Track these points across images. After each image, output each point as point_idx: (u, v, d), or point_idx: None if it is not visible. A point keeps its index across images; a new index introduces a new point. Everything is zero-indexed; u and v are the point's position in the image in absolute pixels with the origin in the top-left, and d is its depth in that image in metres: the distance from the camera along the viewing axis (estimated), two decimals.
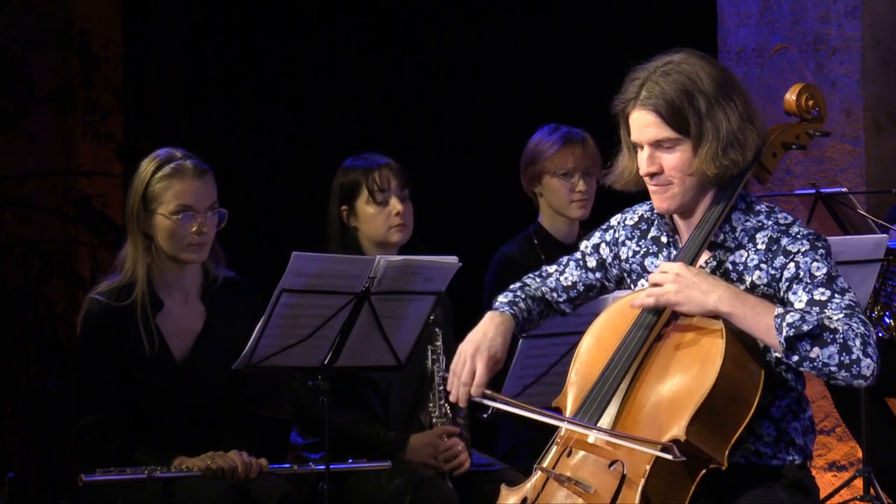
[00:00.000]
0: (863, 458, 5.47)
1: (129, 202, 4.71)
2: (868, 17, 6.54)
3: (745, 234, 3.67)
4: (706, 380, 3.48)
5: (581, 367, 3.72)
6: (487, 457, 5.15)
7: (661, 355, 3.59)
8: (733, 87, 3.65)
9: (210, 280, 4.77)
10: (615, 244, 3.90)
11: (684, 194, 3.66)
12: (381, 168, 5.14)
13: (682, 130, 3.61)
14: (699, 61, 3.65)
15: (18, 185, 7.97)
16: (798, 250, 3.60)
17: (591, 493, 3.51)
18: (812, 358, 3.47)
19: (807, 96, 3.82)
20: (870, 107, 6.55)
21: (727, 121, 3.60)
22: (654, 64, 3.67)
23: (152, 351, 4.64)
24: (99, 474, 4.47)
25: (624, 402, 3.57)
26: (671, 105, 3.60)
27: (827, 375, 3.49)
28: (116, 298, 4.65)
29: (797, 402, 3.70)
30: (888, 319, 5.63)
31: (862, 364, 3.47)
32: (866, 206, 6.13)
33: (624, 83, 3.70)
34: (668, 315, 3.62)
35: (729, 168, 3.61)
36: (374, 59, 7.86)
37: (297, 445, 5.09)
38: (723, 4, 6.82)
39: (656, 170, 3.65)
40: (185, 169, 4.67)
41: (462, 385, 3.74)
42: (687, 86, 3.60)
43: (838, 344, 3.46)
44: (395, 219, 5.12)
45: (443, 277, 4.57)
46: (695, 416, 3.46)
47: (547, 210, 5.60)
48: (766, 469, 3.66)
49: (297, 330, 4.46)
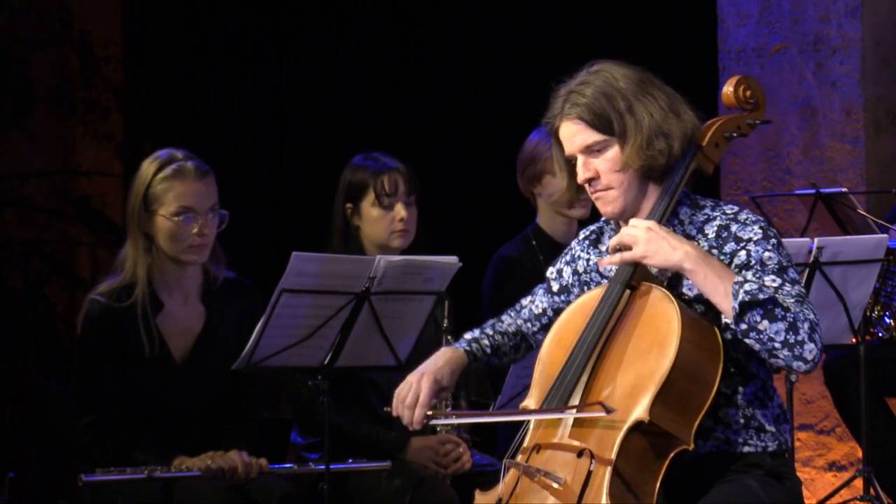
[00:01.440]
0: (863, 458, 5.47)
1: (130, 203, 4.71)
2: (868, 17, 6.54)
3: (694, 227, 3.76)
4: (664, 360, 3.54)
5: (543, 367, 3.81)
6: (488, 457, 5.15)
7: (619, 341, 3.66)
8: (653, 84, 3.78)
9: (210, 280, 4.77)
10: (573, 261, 4.00)
11: (625, 195, 3.76)
12: (390, 172, 5.13)
13: (606, 131, 3.74)
14: (615, 66, 3.81)
15: (18, 185, 7.98)
16: (750, 238, 3.68)
17: (563, 483, 3.57)
18: (760, 330, 3.53)
19: (744, 87, 3.90)
20: (870, 107, 6.55)
21: (649, 115, 3.72)
22: (573, 78, 3.83)
23: (152, 352, 4.64)
24: (99, 474, 4.47)
25: (586, 392, 3.64)
26: (592, 110, 3.74)
27: (769, 352, 3.55)
28: (117, 299, 4.65)
29: (762, 389, 3.75)
30: (888, 319, 5.63)
31: (805, 347, 3.53)
32: (866, 206, 6.13)
33: (549, 103, 3.86)
34: (624, 302, 3.68)
35: (657, 158, 3.72)
36: (373, 59, 7.86)
37: (298, 445, 5.09)
38: (723, 4, 6.82)
39: (592, 174, 3.77)
40: (187, 170, 4.67)
41: (406, 408, 3.82)
42: (605, 89, 3.75)
43: (787, 322, 3.53)
44: (399, 224, 5.12)
45: (443, 277, 4.57)
46: (657, 396, 3.52)
47: (546, 210, 5.60)
48: (738, 457, 3.71)
49: (297, 330, 4.46)
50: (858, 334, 5.35)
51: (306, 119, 7.96)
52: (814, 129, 6.60)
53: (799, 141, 6.58)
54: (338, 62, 7.93)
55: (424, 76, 7.71)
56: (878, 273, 5.23)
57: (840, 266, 5.11)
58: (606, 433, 3.56)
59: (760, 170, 6.68)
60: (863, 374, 5.38)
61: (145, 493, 4.54)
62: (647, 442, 3.54)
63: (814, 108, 6.61)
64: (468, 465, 4.97)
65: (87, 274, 7.99)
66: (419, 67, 7.74)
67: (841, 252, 5.13)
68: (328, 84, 7.92)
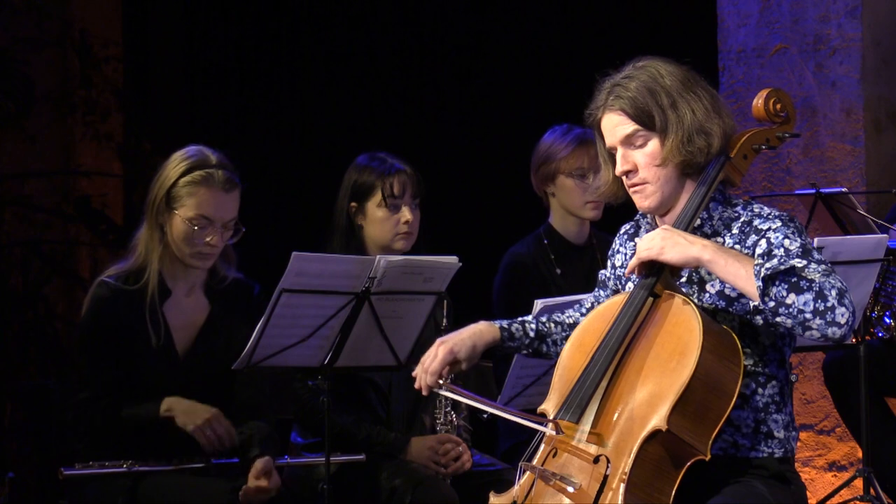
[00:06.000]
0: (863, 458, 5.47)
1: (153, 191, 4.69)
2: (868, 17, 6.54)
3: (722, 223, 3.79)
4: (685, 370, 3.53)
5: (563, 372, 3.80)
6: (488, 457, 5.16)
7: (639, 350, 3.65)
8: (697, 82, 3.81)
9: (217, 278, 4.77)
10: (612, 255, 4.03)
11: (662, 190, 3.78)
12: (399, 174, 5.13)
13: (647, 125, 3.76)
14: (661, 62, 3.83)
15: (18, 185, 7.98)
16: (769, 227, 3.70)
17: (578, 488, 3.55)
18: (787, 304, 3.52)
19: (774, 100, 3.91)
20: (870, 107, 6.55)
21: (691, 112, 3.74)
22: (618, 73, 3.84)
23: (157, 342, 4.64)
24: (78, 468, 4.51)
25: (605, 398, 3.63)
26: (635, 102, 3.76)
27: (802, 325, 3.52)
28: (125, 281, 4.66)
29: (780, 393, 3.75)
30: (888, 319, 5.63)
31: (837, 311, 3.51)
32: (866, 206, 6.13)
33: (593, 96, 3.86)
34: (647, 310, 3.68)
35: (696, 155, 3.74)
36: (375, 58, 7.86)
37: (298, 445, 5.09)
38: (723, 4, 6.82)
39: (630, 167, 3.79)
40: (216, 180, 4.65)
41: (422, 371, 3.88)
42: (649, 84, 3.77)
43: (814, 291, 3.51)
44: (404, 227, 5.12)
45: (443, 277, 4.57)
46: (675, 407, 3.51)
47: (558, 210, 5.59)
48: (745, 461, 3.71)
49: (297, 330, 4.46)
50: (858, 334, 5.35)
51: (306, 119, 7.96)
52: (814, 129, 6.60)
53: (799, 141, 6.58)
54: (338, 61, 7.93)
55: (428, 75, 7.71)
56: (877, 273, 5.23)
57: (840, 266, 5.10)
58: (623, 441, 3.55)
59: (760, 170, 6.68)
60: (863, 374, 5.38)
61: (145, 493, 4.55)
62: (663, 451, 3.53)
63: (814, 108, 6.61)
64: (468, 464, 4.98)
65: (87, 274, 7.99)
66: (422, 66, 7.74)
67: (841, 252, 5.13)
68: (328, 83, 7.92)
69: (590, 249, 5.61)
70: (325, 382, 4.59)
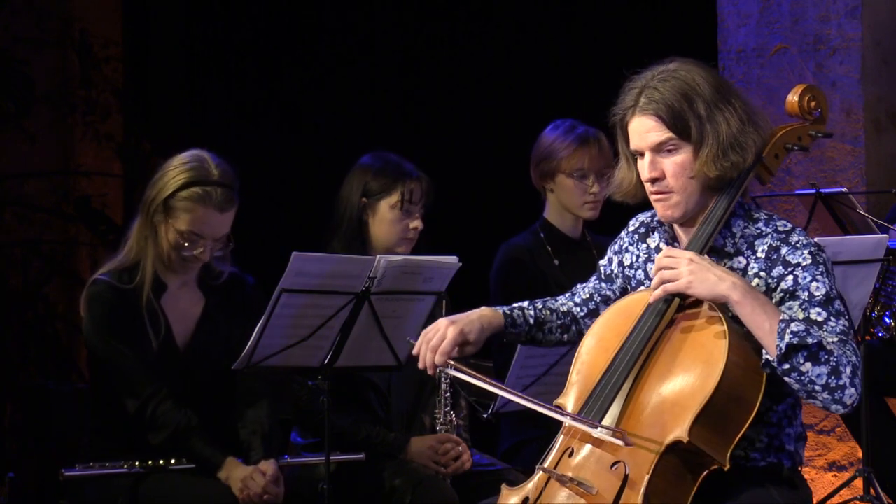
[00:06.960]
0: (863, 458, 5.47)
1: (150, 192, 4.67)
2: (868, 17, 6.54)
3: (745, 241, 3.68)
4: (709, 380, 3.46)
5: (583, 368, 3.70)
6: (488, 457, 5.16)
7: (664, 355, 3.57)
8: (731, 91, 3.67)
9: (212, 274, 4.77)
10: (620, 252, 3.92)
11: (687, 201, 3.66)
12: (420, 181, 5.14)
13: (683, 134, 3.61)
14: (695, 67, 3.68)
15: (18, 185, 7.98)
16: (798, 263, 3.60)
17: (594, 493, 3.49)
18: (802, 372, 3.46)
19: (809, 97, 3.83)
20: (870, 107, 6.55)
21: (727, 124, 3.60)
22: (650, 72, 3.68)
23: (157, 337, 4.64)
24: (78, 468, 4.51)
25: (627, 401, 3.56)
26: (671, 109, 3.60)
27: (808, 393, 3.48)
28: (119, 278, 4.65)
29: (792, 407, 3.70)
30: (888, 319, 5.63)
31: (846, 392, 3.47)
32: (866, 206, 6.12)
33: (620, 93, 3.71)
34: (672, 314, 3.61)
35: (729, 170, 3.61)
36: (372, 57, 7.86)
37: (298, 445, 5.09)
38: (723, 4, 6.82)
39: (658, 175, 3.65)
40: (213, 200, 4.62)
41: (429, 350, 3.76)
42: (686, 90, 3.62)
43: (830, 366, 3.46)
44: (412, 233, 5.13)
45: (443, 277, 4.57)
46: (698, 417, 3.45)
47: (555, 205, 5.60)
48: (755, 470, 3.67)
49: (297, 330, 4.46)
50: (858, 334, 5.35)
51: (306, 118, 7.96)
52: None
53: None
54: (337, 61, 7.93)
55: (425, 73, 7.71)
56: (877, 273, 5.22)
57: (840, 266, 5.09)
58: (643, 449, 3.49)
59: None
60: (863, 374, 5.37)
61: (145, 493, 4.55)
62: (682, 460, 3.48)
63: None
64: (468, 464, 4.98)
65: (87, 274, 7.95)
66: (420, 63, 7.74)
67: (841, 252, 5.12)
68: (328, 83, 7.92)
69: (585, 244, 5.61)
70: (325, 382, 4.59)
